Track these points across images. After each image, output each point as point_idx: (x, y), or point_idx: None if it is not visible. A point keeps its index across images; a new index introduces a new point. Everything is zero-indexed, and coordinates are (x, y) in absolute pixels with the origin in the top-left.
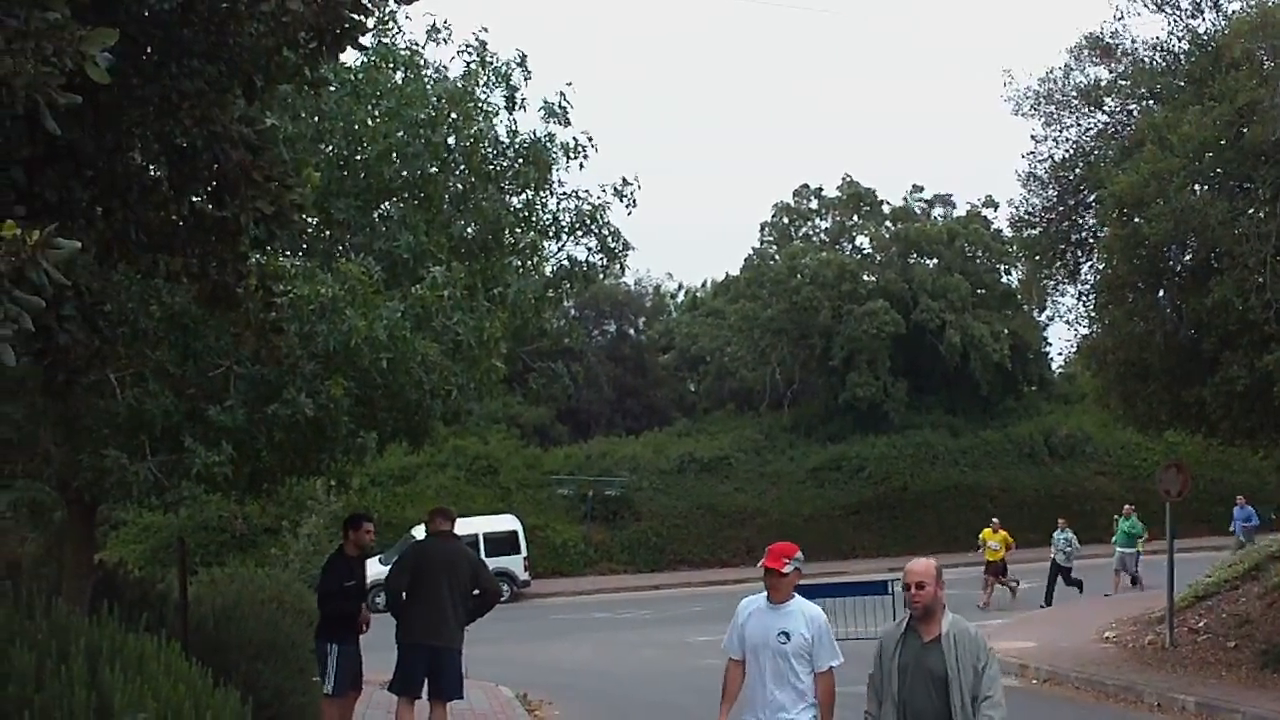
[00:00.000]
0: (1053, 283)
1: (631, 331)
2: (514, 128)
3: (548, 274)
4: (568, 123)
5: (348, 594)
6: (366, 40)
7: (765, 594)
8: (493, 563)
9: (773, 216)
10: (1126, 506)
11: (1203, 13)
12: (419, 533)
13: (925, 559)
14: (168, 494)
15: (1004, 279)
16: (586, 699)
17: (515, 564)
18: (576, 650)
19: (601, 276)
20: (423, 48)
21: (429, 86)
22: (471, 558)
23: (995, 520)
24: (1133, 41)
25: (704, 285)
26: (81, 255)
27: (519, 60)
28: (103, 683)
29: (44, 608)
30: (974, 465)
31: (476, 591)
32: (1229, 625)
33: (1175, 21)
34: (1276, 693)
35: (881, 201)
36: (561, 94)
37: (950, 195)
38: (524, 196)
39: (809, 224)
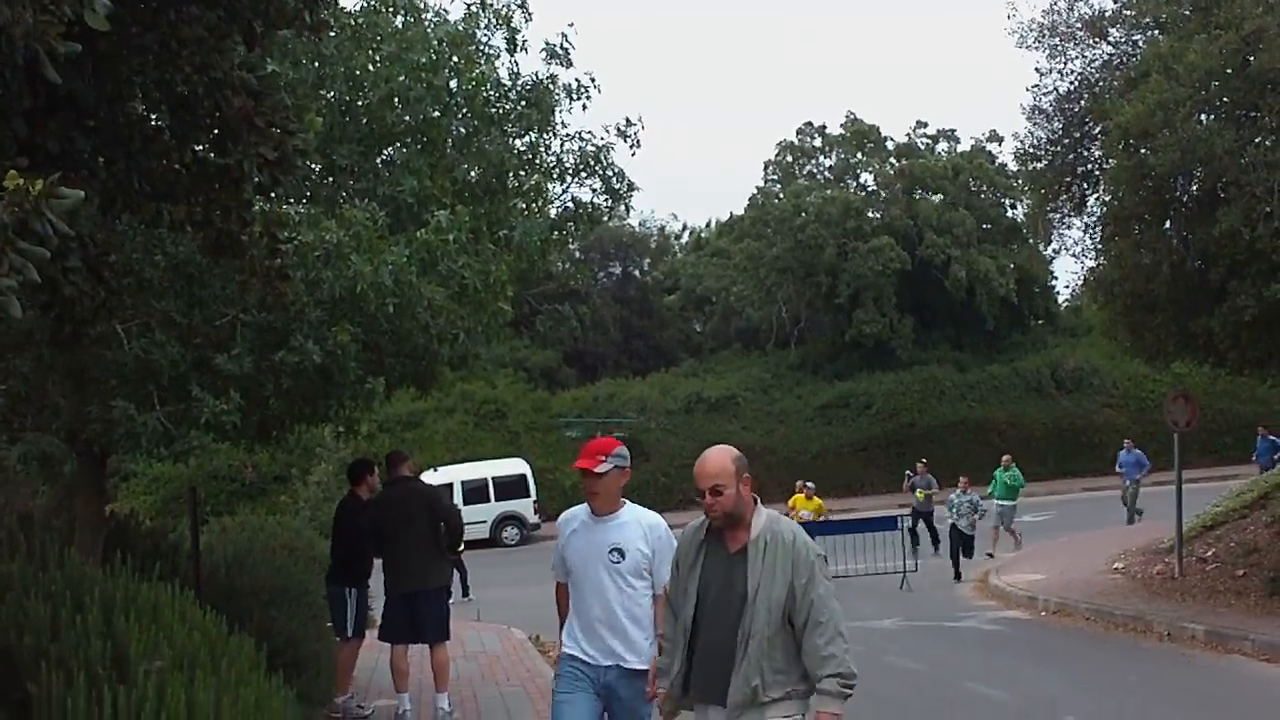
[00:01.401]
0: (1058, 216)
1: (637, 273)
2: (516, 70)
3: (552, 216)
4: (569, 64)
5: (365, 537)
6: None
7: (587, 505)
8: (502, 506)
9: (776, 155)
10: (1005, 457)
11: None
12: (427, 478)
13: (720, 451)
14: (177, 444)
15: (1009, 213)
16: None
17: (525, 507)
18: None
19: (606, 218)
20: None
21: (429, 30)
22: (427, 494)
23: (810, 485)
24: None
25: (708, 225)
26: (85, 206)
27: (519, 2)
28: (118, 632)
29: (57, 559)
30: (981, 400)
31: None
32: (1237, 554)
33: None
34: None
35: (885, 138)
36: (563, 35)
37: (954, 130)
38: (527, 139)
39: (813, 162)
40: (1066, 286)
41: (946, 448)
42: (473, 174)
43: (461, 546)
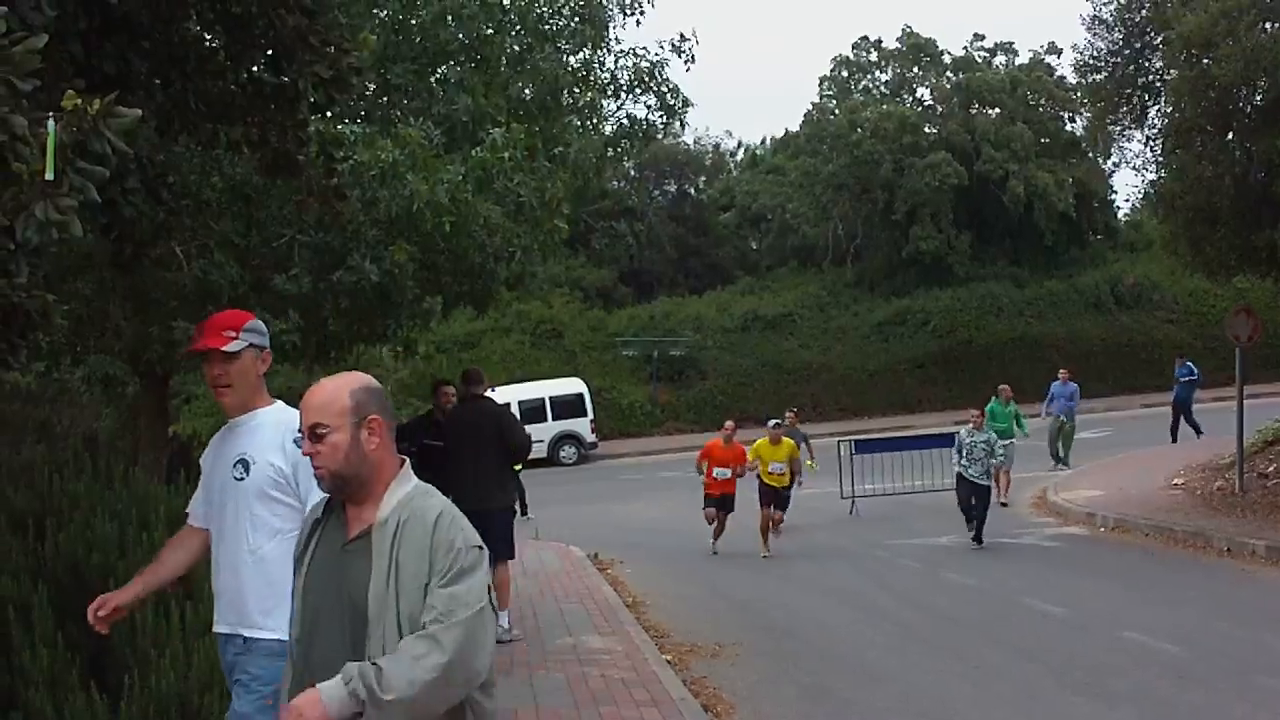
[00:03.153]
0: (1119, 128)
1: (692, 191)
2: None
3: (608, 133)
4: None
5: (430, 452)
6: None
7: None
8: (560, 425)
9: (832, 70)
10: (1001, 387)
11: None
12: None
13: (336, 379)
14: None
15: (1068, 127)
16: (658, 557)
17: (582, 426)
18: (646, 510)
19: (661, 134)
20: None
21: None
22: (497, 416)
23: (778, 422)
24: None
25: (764, 142)
26: (142, 127)
27: None
28: None
29: (123, 478)
30: (1039, 316)
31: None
32: None
33: None
34: None
35: (942, 52)
36: None
37: (1012, 43)
38: (581, 55)
39: (869, 77)
40: (1126, 200)
41: (1004, 364)
42: (527, 91)
43: (519, 466)
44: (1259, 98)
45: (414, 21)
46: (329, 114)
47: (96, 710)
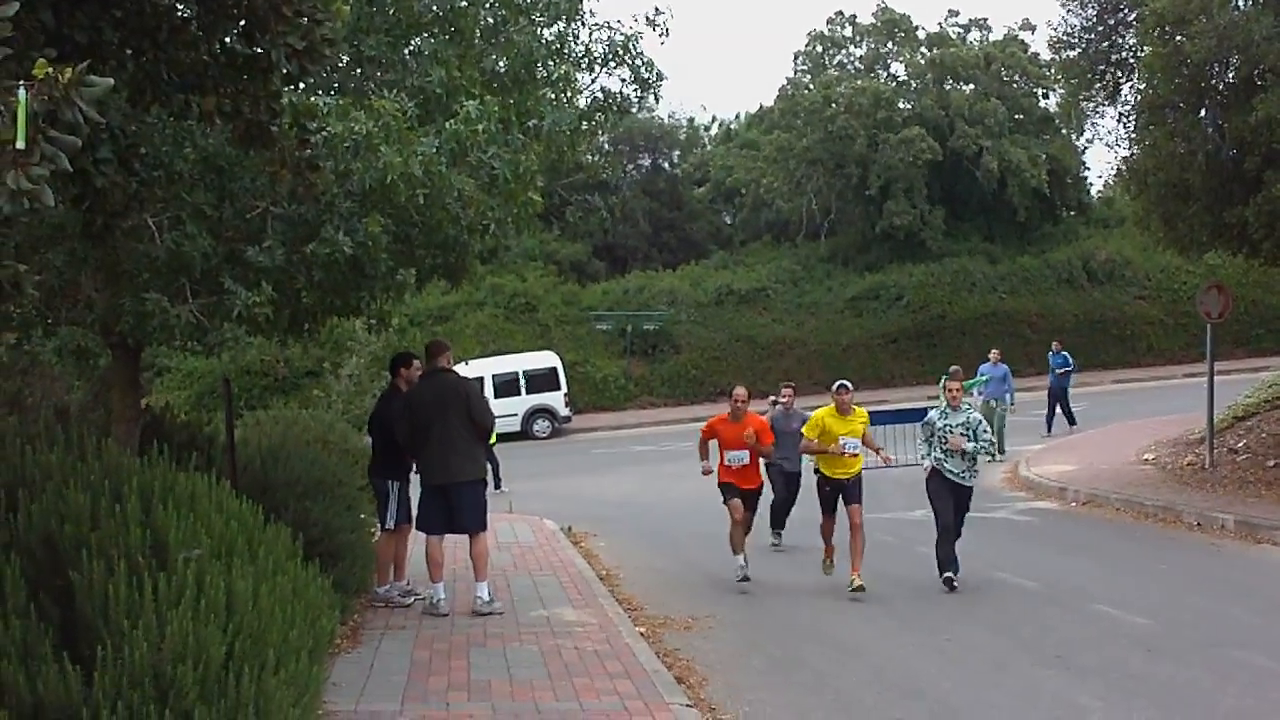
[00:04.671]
0: (1092, 105)
1: (666, 165)
2: None
3: (582, 107)
4: None
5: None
6: None
7: None
8: (534, 399)
9: (806, 45)
10: (955, 369)
11: None
12: (460, 370)
13: None
14: (210, 336)
15: (1042, 103)
16: (631, 531)
17: (556, 400)
18: (620, 484)
19: (635, 108)
20: None
21: None
22: (464, 390)
23: (844, 384)
24: None
25: (738, 117)
26: (114, 97)
27: None
28: (156, 521)
29: (95, 450)
30: (1012, 291)
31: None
32: (1268, 445)
33: None
34: None
35: (917, 27)
36: None
37: (986, 19)
38: (555, 28)
39: (843, 52)
40: (1099, 177)
41: (977, 340)
42: (501, 64)
43: (494, 439)
44: (1231, 74)
45: None
46: (302, 85)
47: (69, 681)
